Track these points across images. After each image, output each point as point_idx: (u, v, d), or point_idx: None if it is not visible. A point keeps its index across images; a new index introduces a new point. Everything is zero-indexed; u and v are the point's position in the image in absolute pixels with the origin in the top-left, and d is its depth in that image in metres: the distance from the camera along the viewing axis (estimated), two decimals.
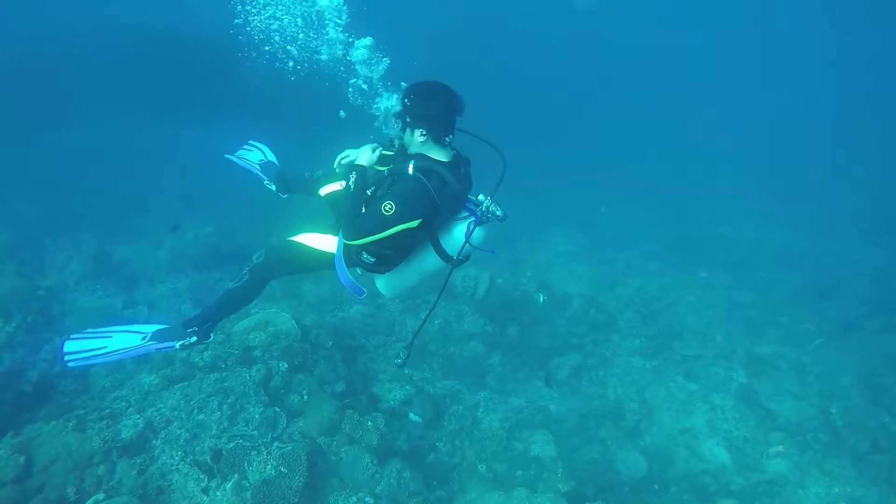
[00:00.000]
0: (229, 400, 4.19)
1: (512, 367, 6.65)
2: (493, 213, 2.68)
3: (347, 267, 2.86)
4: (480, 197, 2.76)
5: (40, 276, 6.15)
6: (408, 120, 2.64)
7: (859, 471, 5.23)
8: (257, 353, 4.97)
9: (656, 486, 5.29)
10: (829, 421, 5.59)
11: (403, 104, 2.65)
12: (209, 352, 4.82)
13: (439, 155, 2.66)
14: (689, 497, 5.00)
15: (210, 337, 3.17)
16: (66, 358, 2.88)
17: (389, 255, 2.79)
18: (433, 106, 2.58)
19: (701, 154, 17.75)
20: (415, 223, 2.53)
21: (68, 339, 2.96)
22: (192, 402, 4.07)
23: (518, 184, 2.82)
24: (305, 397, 4.64)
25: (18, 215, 7.96)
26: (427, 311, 3.04)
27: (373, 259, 2.78)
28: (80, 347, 2.93)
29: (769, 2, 26.05)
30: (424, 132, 2.60)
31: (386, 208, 2.48)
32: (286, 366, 4.80)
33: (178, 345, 3.05)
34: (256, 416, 4.17)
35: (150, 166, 11.01)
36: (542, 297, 7.52)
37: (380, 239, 2.57)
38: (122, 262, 6.96)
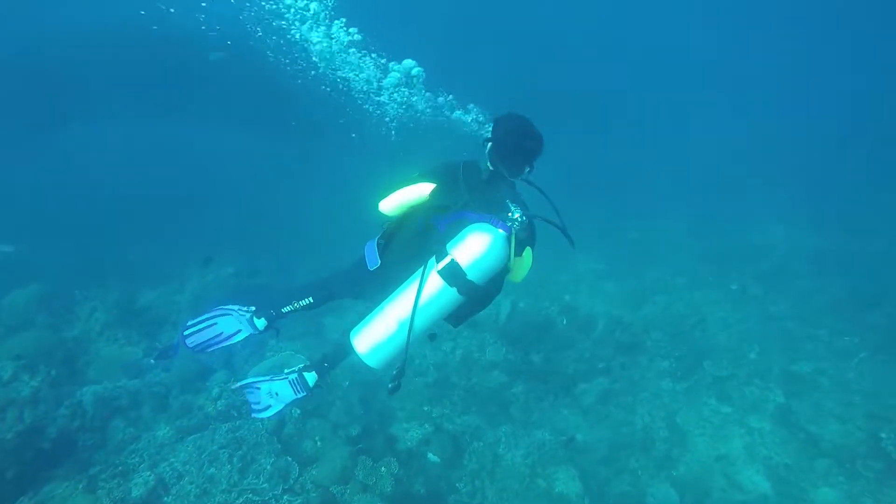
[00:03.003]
0: (240, 451, 4.17)
1: (536, 396, 6.46)
2: (522, 225, 2.43)
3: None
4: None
5: (69, 327, 6.34)
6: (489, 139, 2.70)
7: None
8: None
9: None
10: (879, 446, 5.19)
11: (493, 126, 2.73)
12: (223, 400, 4.85)
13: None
14: None
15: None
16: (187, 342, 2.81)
17: (391, 233, 2.69)
18: (504, 136, 2.64)
19: (725, 159, 17.28)
20: (427, 184, 2.57)
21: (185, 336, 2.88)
22: (203, 455, 4.07)
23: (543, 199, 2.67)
24: (319, 443, 4.60)
25: (52, 262, 8.31)
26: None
27: (382, 242, 2.68)
28: (200, 339, 2.84)
29: (790, 4, 25.40)
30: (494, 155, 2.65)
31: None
32: (299, 411, 4.77)
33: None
34: (268, 467, 4.14)
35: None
36: (564, 321, 7.32)
37: (391, 200, 2.63)
38: (145, 308, 7.12)
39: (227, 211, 12.74)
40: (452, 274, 2.34)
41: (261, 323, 2.89)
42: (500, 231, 2.38)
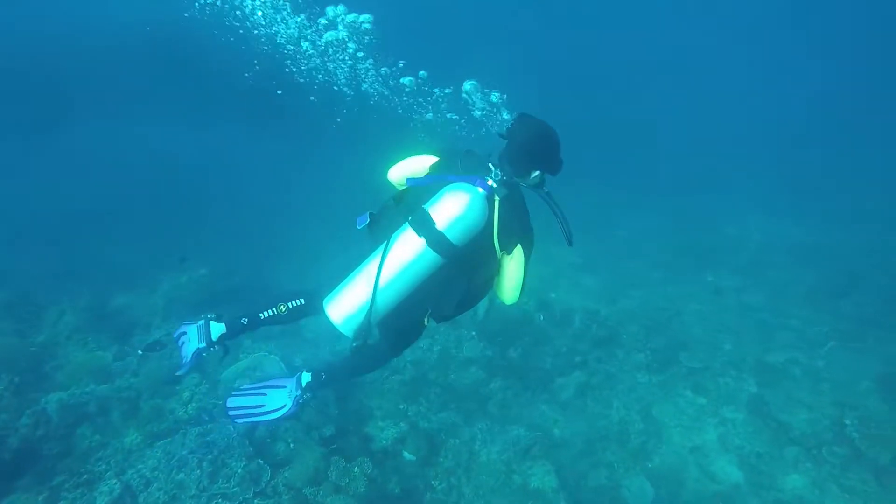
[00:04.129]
0: (210, 455, 4.11)
1: (514, 392, 6.46)
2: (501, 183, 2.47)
3: None
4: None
5: (35, 332, 6.19)
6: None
7: (882, 485, 4.93)
8: None
9: None
10: (844, 432, 5.31)
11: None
12: (194, 403, 4.78)
13: None
14: None
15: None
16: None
17: (385, 204, 2.71)
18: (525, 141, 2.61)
19: (707, 153, 17.47)
20: (430, 157, 2.68)
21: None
22: (172, 461, 4.01)
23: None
24: (292, 445, 4.55)
25: (18, 268, 8.12)
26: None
27: (375, 212, 2.74)
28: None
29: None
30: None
31: None
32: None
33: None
34: (239, 471, 4.09)
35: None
36: (541, 317, 7.35)
37: (397, 169, 2.76)
38: (117, 311, 6.99)
39: (204, 211, 12.57)
40: (430, 234, 2.33)
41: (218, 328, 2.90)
42: (480, 190, 2.40)
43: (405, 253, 2.38)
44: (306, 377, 2.99)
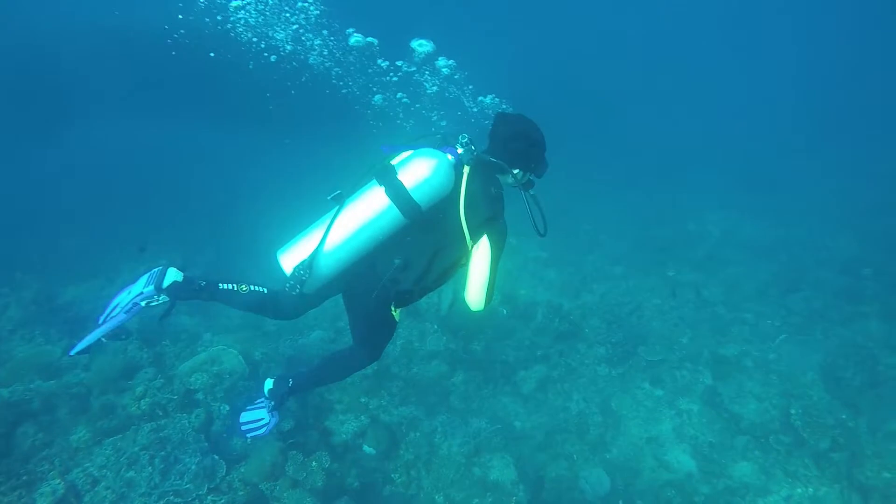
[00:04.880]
0: (163, 452, 4.02)
1: (476, 385, 6.52)
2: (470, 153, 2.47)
3: None
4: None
5: None
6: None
7: (821, 470, 5.17)
8: (199, 395, 4.81)
9: (620, 502, 5.18)
10: (789, 422, 5.53)
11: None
12: (148, 398, 4.66)
13: None
14: None
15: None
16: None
17: None
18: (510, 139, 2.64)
19: (670, 148, 17.83)
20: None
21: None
22: (122, 458, 3.90)
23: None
24: (249, 440, 4.49)
25: None
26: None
27: None
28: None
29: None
30: None
31: None
32: (228, 408, 4.64)
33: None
34: (193, 467, 4.01)
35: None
36: (504, 311, 7.41)
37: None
38: (68, 304, 6.75)
39: (165, 201, 12.21)
40: (395, 192, 2.35)
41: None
42: (449, 157, 2.44)
43: (368, 208, 2.38)
44: (268, 384, 2.88)
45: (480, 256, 2.45)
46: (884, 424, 5.34)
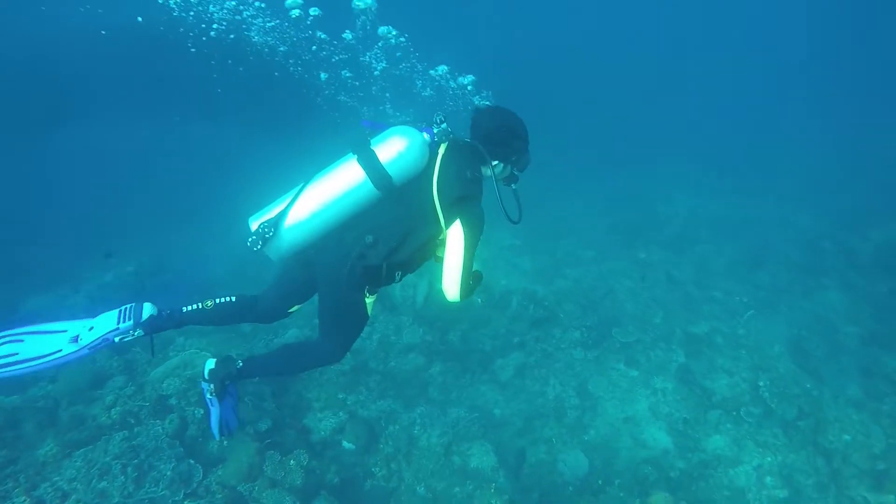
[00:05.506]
0: (136, 460, 3.95)
1: (454, 375, 6.55)
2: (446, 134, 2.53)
3: None
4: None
5: None
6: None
7: (789, 438, 5.36)
8: (173, 401, 4.72)
9: (600, 482, 5.28)
10: (758, 394, 5.71)
11: None
12: (119, 407, 4.56)
13: None
14: (625, 494, 4.99)
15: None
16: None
17: None
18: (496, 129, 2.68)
19: (643, 135, 18.03)
20: None
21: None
22: (93, 469, 3.81)
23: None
24: (225, 443, 4.43)
25: None
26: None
27: None
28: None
29: None
30: None
31: None
32: (202, 412, 4.57)
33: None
34: (168, 473, 3.95)
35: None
36: (479, 300, 7.44)
37: None
38: (32, 315, 6.52)
39: (135, 205, 11.87)
40: (371, 166, 2.39)
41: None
42: (425, 136, 2.49)
43: (343, 180, 2.41)
44: (209, 364, 2.70)
45: (454, 244, 2.43)
46: (844, 391, 5.56)
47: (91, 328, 2.47)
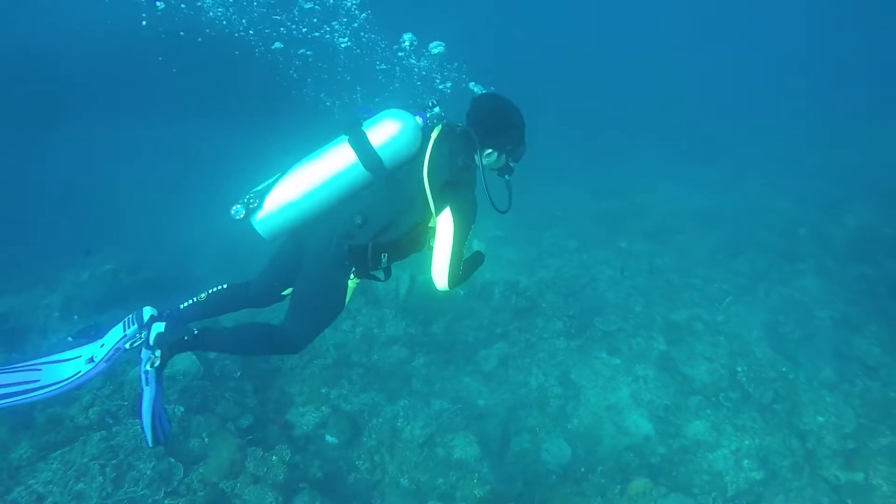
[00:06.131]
0: (115, 460, 3.91)
1: (437, 367, 6.57)
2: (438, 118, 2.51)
3: None
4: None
5: None
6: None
7: (766, 421, 5.47)
8: None
9: (583, 469, 5.34)
10: (736, 379, 5.81)
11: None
12: (96, 407, 4.50)
13: None
14: (606, 481, 5.06)
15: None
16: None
17: None
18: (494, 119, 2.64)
19: (625, 119, 18.08)
20: None
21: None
22: (70, 471, 3.77)
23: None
24: (206, 440, 4.41)
25: None
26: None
27: None
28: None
29: None
30: None
31: None
32: (183, 409, 4.54)
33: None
34: (148, 472, 3.92)
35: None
36: (462, 291, 7.46)
37: None
38: (6, 315, 6.43)
39: (114, 203, 11.65)
40: (362, 150, 2.39)
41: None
42: (418, 120, 2.47)
43: (335, 163, 2.42)
44: (157, 328, 2.39)
45: (443, 231, 2.41)
46: (818, 373, 5.69)
47: (102, 345, 2.45)
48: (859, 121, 15.89)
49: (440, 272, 2.46)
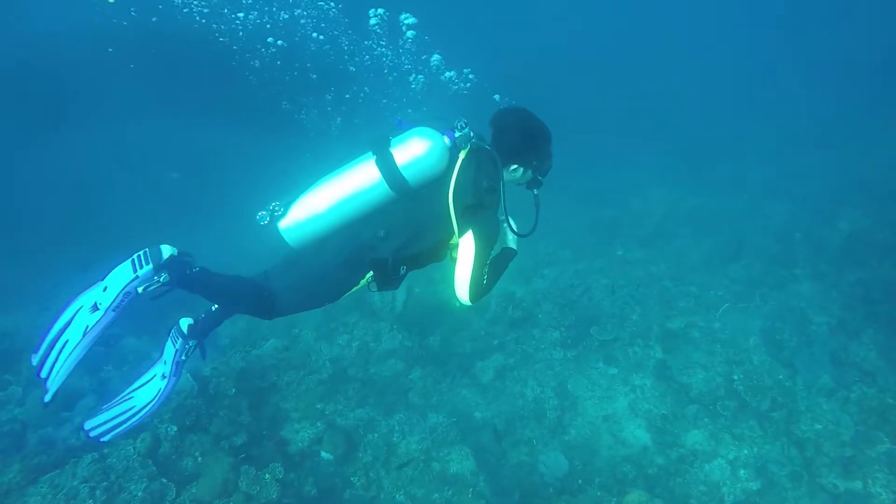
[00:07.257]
0: (105, 482, 3.88)
1: (434, 379, 6.55)
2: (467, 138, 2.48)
3: None
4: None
5: None
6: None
7: (764, 429, 5.44)
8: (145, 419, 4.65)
9: (580, 481, 5.31)
10: (733, 387, 5.78)
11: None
12: None
13: None
14: (603, 493, 5.02)
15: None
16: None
17: None
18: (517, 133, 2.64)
19: (618, 126, 18.14)
20: None
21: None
22: (59, 495, 3.74)
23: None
24: (200, 459, 4.38)
25: None
26: None
27: None
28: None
29: None
30: None
31: None
32: (176, 428, 4.51)
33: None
34: (139, 494, 3.89)
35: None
36: (458, 303, 7.43)
37: None
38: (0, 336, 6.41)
39: (110, 213, 11.64)
40: (388, 169, 2.41)
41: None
42: (446, 140, 2.46)
43: (360, 179, 2.45)
44: (184, 322, 2.64)
45: (465, 252, 2.41)
46: (816, 380, 5.66)
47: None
48: (855, 123, 15.93)
49: (462, 288, 2.46)
